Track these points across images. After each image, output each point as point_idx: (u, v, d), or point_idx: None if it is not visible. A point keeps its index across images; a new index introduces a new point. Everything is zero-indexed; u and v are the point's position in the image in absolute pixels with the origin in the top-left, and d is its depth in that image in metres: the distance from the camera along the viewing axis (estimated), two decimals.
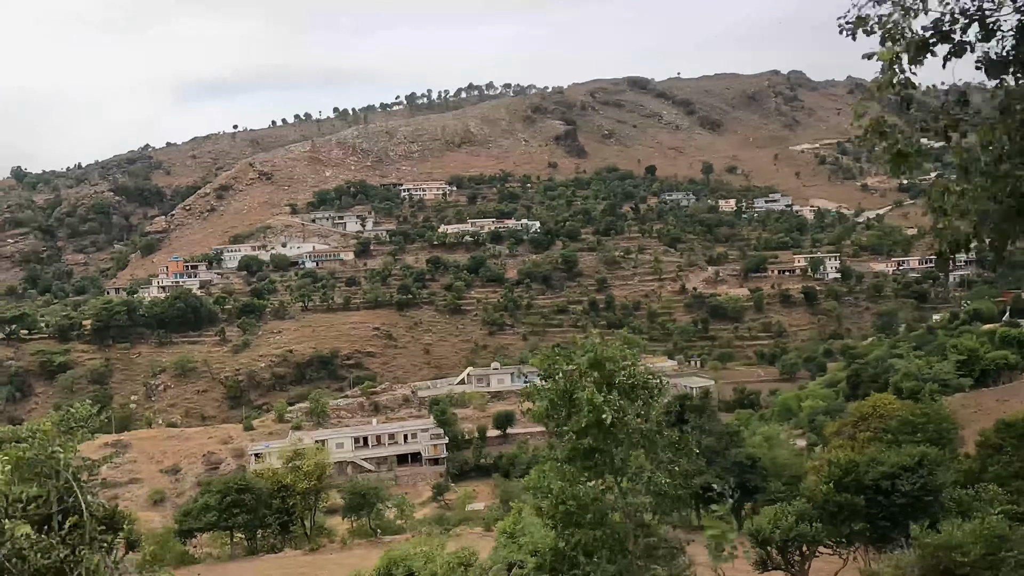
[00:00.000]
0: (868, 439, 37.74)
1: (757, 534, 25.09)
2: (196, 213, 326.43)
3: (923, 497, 25.33)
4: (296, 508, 43.01)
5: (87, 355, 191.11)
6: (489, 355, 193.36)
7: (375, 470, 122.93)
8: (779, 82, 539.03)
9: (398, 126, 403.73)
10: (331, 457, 49.19)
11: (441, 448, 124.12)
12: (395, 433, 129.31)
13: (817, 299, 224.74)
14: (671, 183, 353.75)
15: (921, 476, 25.79)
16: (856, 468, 26.38)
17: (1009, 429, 28.50)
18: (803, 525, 24.26)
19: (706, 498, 39.27)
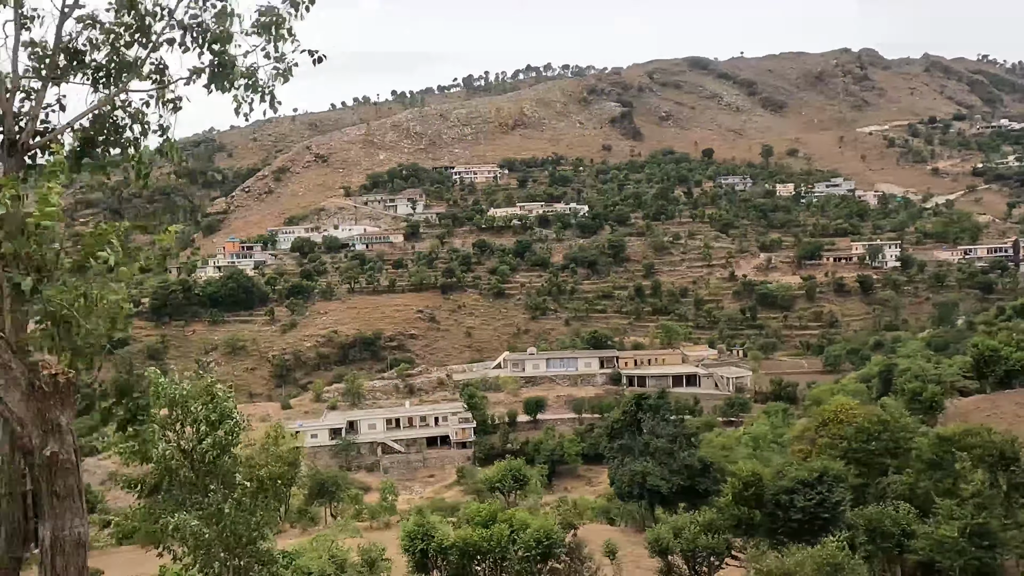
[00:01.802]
0: (824, 445, 36.26)
1: (656, 543, 24.44)
2: (255, 195, 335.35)
3: (820, 514, 24.19)
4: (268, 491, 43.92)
5: (145, 332, 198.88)
6: (530, 340, 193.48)
7: (404, 451, 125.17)
8: (848, 61, 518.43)
9: (452, 109, 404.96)
10: (306, 445, 49.68)
11: (469, 432, 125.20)
12: (426, 416, 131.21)
13: (873, 288, 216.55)
14: (728, 166, 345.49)
15: (819, 492, 24.60)
16: (758, 481, 25.33)
17: (944, 444, 26.79)
18: (706, 536, 23.52)
19: (651, 498, 38.75)
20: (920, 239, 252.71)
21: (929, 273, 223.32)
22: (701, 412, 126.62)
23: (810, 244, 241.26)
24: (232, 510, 14.15)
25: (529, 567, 24.36)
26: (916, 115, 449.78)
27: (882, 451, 32.99)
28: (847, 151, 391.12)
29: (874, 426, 34.65)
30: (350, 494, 46.81)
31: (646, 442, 37.33)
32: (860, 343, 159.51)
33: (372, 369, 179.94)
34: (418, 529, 26.27)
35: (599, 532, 35.29)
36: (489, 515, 26.22)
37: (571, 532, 26.20)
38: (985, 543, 22.08)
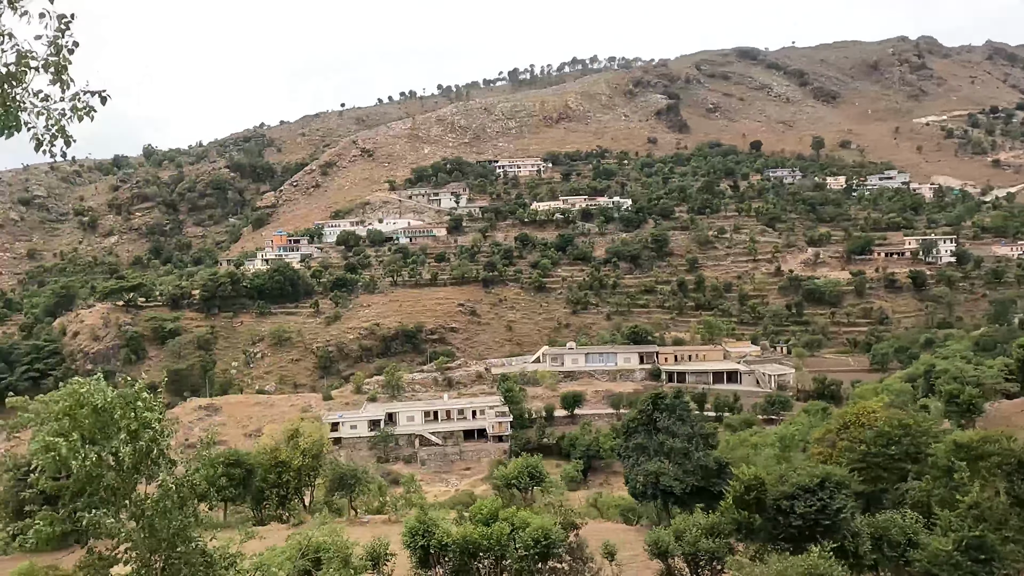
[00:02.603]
0: (844, 448, 35.17)
1: (655, 545, 24.13)
2: (302, 189, 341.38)
3: (821, 520, 23.47)
4: (291, 484, 45.11)
5: (195, 323, 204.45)
6: (571, 334, 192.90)
7: (441, 444, 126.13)
8: (906, 49, 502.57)
9: (496, 102, 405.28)
10: (327, 437, 50.50)
11: (506, 426, 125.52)
12: (463, 409, 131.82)
13: (927, 284, 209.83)
14: (777, 159, 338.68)
15: (820, 499, 23.88)
16: (760, 486, 24.73)
17: (961, 450, 25.68)
18: (708, 540, 23.14)
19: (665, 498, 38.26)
20: (977, 233, 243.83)
21: (986, 269, 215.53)
22: (740, 409, 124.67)
23: (860, 238, 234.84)
24: (152, 510, 14.43)
25: (527, 566, 24.37)
26: (977, 104, 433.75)
27: (902, 456, 31.86)
28: (902, 142, 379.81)
29: (894, 430, 33.52)
30: (371, 487, 47.51)
31: (661, 442, 36.92)
32: (909, 341, 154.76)
33: (413, 362, 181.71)
34: (419, 525, 26.51)
35: (612, 532, 35.04)
36: (490, 513, 26.29)
37: (573, 532, 26.10)
38: (982, 557, 21.21)
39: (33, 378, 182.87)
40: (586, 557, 25.43)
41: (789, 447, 49.09)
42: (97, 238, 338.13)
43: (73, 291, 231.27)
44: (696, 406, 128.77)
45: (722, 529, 24.01)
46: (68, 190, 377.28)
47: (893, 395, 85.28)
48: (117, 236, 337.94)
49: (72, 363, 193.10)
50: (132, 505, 14.42)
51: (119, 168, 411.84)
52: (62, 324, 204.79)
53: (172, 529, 14.40)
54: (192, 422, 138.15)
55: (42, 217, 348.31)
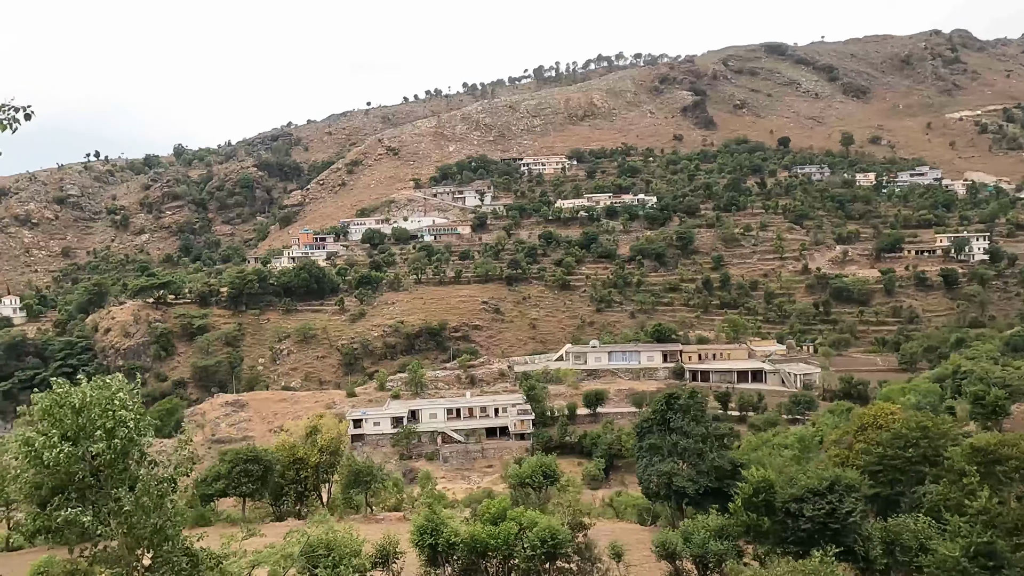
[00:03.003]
0: (860, 451, 34.52)
1: (663, 547, 23.96)
2: (328, 187, 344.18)
3: (829, 524, 23.07)
4: (308, 480, 45.58)
5: (223, 319, 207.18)
6: (595, 332, 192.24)
7: (463, 441, 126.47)
8: (939, 43, 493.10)
9: (521, 100, 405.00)
10: (346, 433, 50.83)
11: (527, 424, 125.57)
12: (486, 406, 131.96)
13: (958, 283, 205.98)
14: (805, 155, 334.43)
15: (829, 502, 23.46)
16: (768, 488, 24.39)
17: (977, 454, 25.04)
18: (716, 542, 22.92)
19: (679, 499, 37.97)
20: (1012, 231, 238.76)
21: (1020, 267, 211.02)
22: (765, 409, 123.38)
23: (890, 236, 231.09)
24: (134, 508, 14.63)
25: (534, 566, 24.35)
26: (1013, 99, 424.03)
27: (919, 459, 31.21)
28: (934, 138, 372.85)
29: (912, 432, 32.86)
30: (387, 484, 47.80)
31: (674, 442, 36.66)
32: (939, 340, 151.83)
33: (437, 359, 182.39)
34: (427, 524, 26.61)
35: (626, 532, 34.86)
36: (498, 512, 26.31)
37: (581, 532, 26.01)
38: (991, 564, 20.66)
39: (66, 373, 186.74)
40: (595, 558, 25.35)
41: (808, 448, 48.48)
42: (129, 236, 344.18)
43: (105, 288, 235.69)
44: (720, 405, 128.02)
45: (731, 531, 23.78)
46: (101, 189, 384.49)
47: (920, 396, 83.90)
48: (148, 234, 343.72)
49: (104, 359, 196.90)
50: (111, 502, 14.66)
51: (150, 167, 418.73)
52: (94, 320, 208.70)
53: (151, 528, 14.61)
54: (219, 418, 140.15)
55: (76, 216, 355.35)
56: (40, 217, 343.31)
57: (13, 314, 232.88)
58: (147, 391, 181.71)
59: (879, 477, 32.65)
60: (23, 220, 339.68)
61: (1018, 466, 24.15)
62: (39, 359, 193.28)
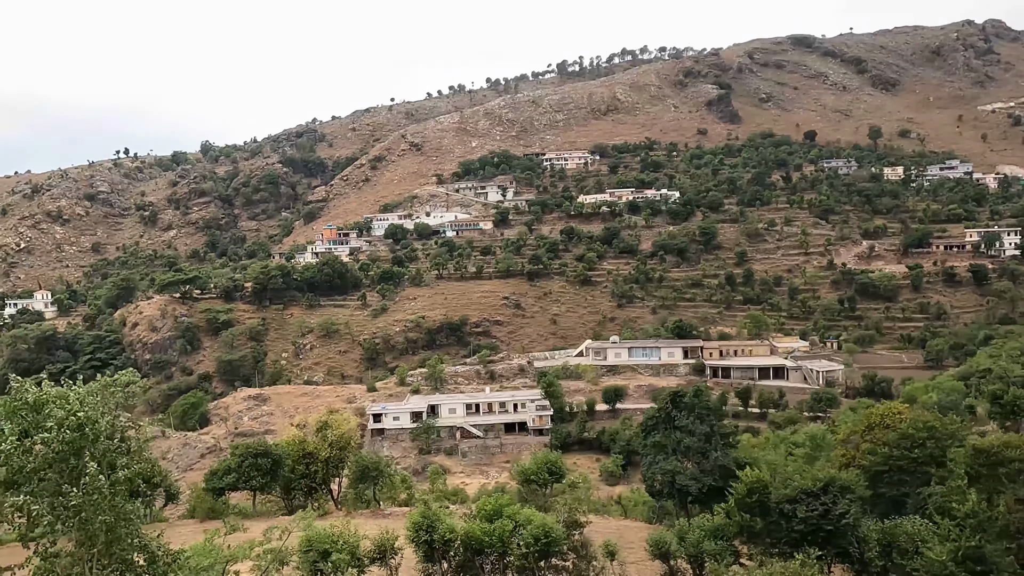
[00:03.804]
0: (867, 451, 33.91)
1: (657, 546, 23.80)
2: (352, 183, 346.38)
3: (823, 525, 22.71)
4: (318, 474, 46.03)
5: (247, 314, 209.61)
6: (616, 327, 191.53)
7: (482, 436, 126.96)
8: (971, 33, 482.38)
9: (544, 95, 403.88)
10: (354, 427, 51.22)
11: (546, 419, 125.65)
12: (504, 402, 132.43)
13: (988, 279, 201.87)
14: (832, 149, 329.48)
15: (823, 503, 23.09)
16: (763, 489, 24.07)
17: (980, 456, 24.44)
18: (711, 542, 22.73)
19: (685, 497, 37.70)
20: None
21: None
22: (786, 406, 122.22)
23: (918, 231, 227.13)
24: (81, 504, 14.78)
25: (528, 563, 24.36)
26: None
27: (926, 459, 30.64)
28: (966, 131, 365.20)
29: (919, 432, 32.23)
30: (395, 479, 48.11)
31: (679, 440, 36.45)
32: (967, 338, 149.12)
33: (457, 355, 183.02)
34: (423, 520, 26.73)
35: (630, 529, 34.76)
36: (494, 509, 26.34)
37: (578, 531, 25.95)
38: (979, 568, 20.21)
39: (95, 367, 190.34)
40: (590, 556, 25.31)
41: (821, 447, 47.88)
42: (157, 232, 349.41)
43: (133, 283, 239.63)
44: (740, 402, 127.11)
45: (726, 531, 23.58)
46: (130, 185, 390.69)
47: (943, 394, 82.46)
48: (176, 230, 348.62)
49: (131, 353, 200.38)
50: (63, 497, 14.87)
51: (178, 164, 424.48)
52: (122, 315, 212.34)
53: (104, 525, 14.78)
54: (241, 411, 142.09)
55: (106, 212, 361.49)
56: (71, 213, 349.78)
57: (44, 308, 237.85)
58: (173, 385, 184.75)
59: (885, 478, 32.17)
60: (55, 216, 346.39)
61: (1020, 468, 23.64)
62: (69, 353, 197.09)
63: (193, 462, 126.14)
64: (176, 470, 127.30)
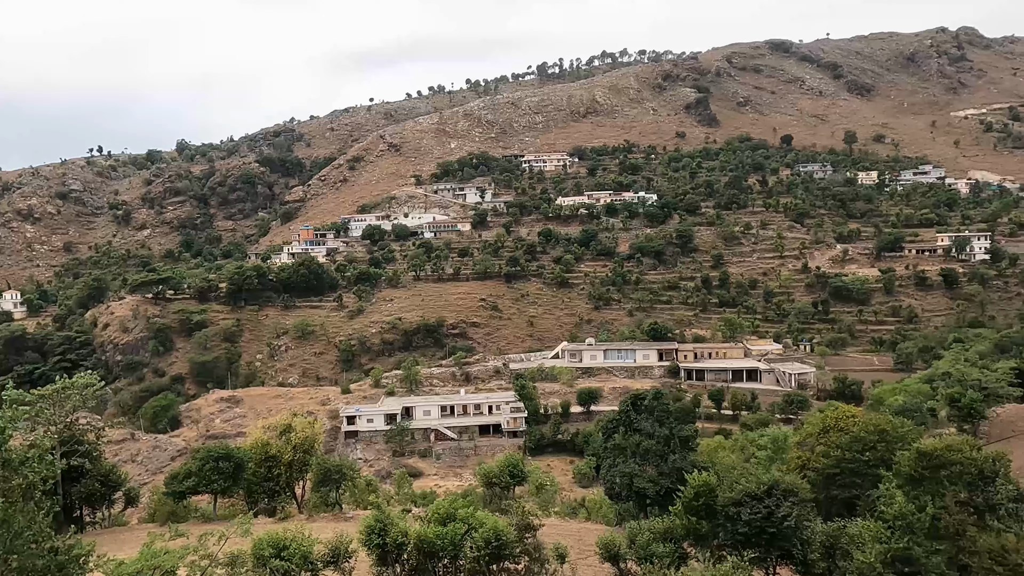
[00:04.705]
0: (820, 454, 34.33)
1: (606, 548, 23.89)
2: (330, 183, 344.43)
3: (766, 528, 22.96)
4: (281, 477, 45.68)
5: (221, 315, 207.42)
6: (593, 330, 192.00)
7: (457, 438, 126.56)
8: (945, 40, 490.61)
9: (524, 97, 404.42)
10: (320, 432, 50.90)
11: (520, 421, 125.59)
12: (479, 404, 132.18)
13: (958, 282, 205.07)
14: (808, 153, 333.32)
15: (767, 506, 23.34)
16: (709, 492, 24.30)
17: (923, 459, 24.81)
18: (660, 545, 22.84)
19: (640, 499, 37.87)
20: (1014, 230, 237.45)
21: (1022, 267, 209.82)
22: (758, 408, 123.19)
23: (891, 235, 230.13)
24: None
25: (480, 567, 24.32)
26: (1019, 97, 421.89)
27: (876, 462, 31.09)
28: (939, 136, 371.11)
29: (870, 436, 32.69)
30: (358, 483, 47.90)
31: (638, 443, 36.64)
32: (936, 341, 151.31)
33: (434, 356, 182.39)
34: (376, 524, 26.61)
35: (592, 532, 34.79)
36: (448, 512, 26.29)
37: (531, 533, 25.94)
38: (907, 570, 20.53)
39: (65, 368, 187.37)
40: (543, 559, 25.33)
41: (782, 449, 48.32)
42: (131, 231, 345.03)
43: (105, 283, 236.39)
44: (713, 404, 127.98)
45: (675, 534, 23.71)
46: (103, 184, 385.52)
47: (909, 397, 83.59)
48: (150, 229, 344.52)
49: (102, 354, 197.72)
50: None
51: (152, 163, 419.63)
52: (93, 316, 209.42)
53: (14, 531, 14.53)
54: (213, 414, 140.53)
55: (78, 211, 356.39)
56: (42, 212, 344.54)
57: (13, 308, 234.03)
58: (144, 386, 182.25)
59: (837, 480, 32.60)
60: (25, 215, 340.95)
61: (961, 471, 24.02)
62: (38, 354, 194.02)
63: (163, 465, 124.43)
64: (146, 473, 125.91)
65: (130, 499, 46.42)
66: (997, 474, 24.02)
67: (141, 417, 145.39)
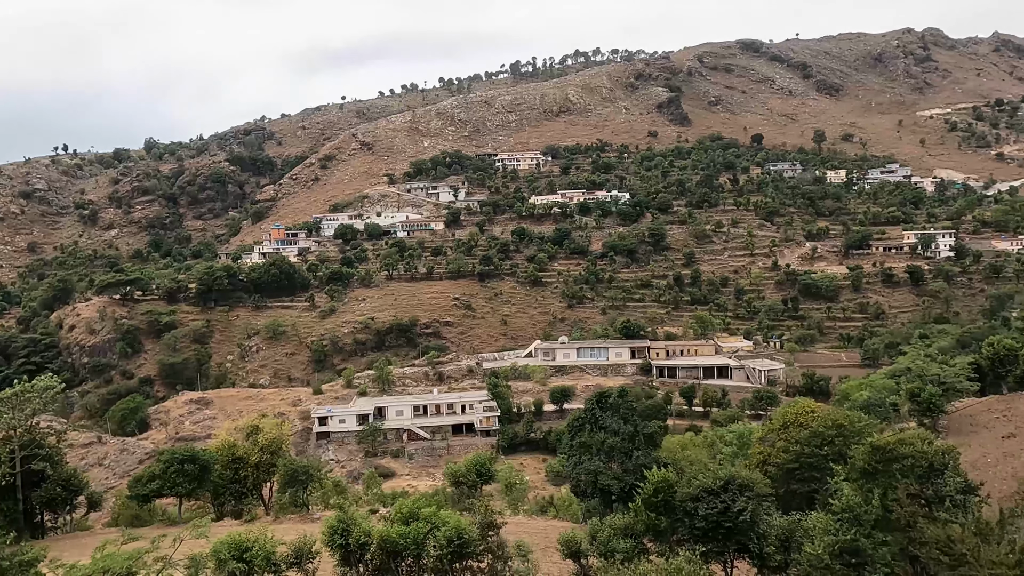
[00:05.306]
0: (780, 449, 34.97)
1: (567, 545, 24.11)
2: (301, 182, 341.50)
3: (722, 522, 23.38)
4: (248, 479, 45.28)
5: (191, 316, 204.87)
6: (566, 328, 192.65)
7: (430, 438, 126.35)
8: (911, 41, 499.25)
9: (497, 95, 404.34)
10: (289, 434, 50.53)
11: (493, 420, 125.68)
12: (452, 403, 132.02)
13: (924, 279, 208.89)
14: (778, 152, 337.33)
15: (723, 501, 23.78)
16: (668, 488, 24.67)
17: (876, 453, 25.43)
18: (621, 540, 23.09)
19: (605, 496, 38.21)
20: (978, 228, 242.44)
21: (985, 264, 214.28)
22: (729, 404, 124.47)
23: (859, 233, 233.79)
24: None
25: (442, 565, 24.39)
26: (982, 97, 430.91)
27: (834, 456, 31.68)
28: (905, 136, 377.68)
29: (828, 431, 33.34)
30: (325, 484, 47.66)
31: (602, 440, 36.97)
32: (902, 336, 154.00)
33: (407, 356, 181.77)
34: (338, 524, 26.55)
35: (557, 529, 35.00)
36: (410, 512, 26.31)
37: (493, 531, 26.05)
38: (853, 561, 21.08)
39: (30, 371, 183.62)
40: (506, 556, 25.46)
41: (747, 445, 48.99)
42: (97, 231, 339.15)
43: (71, 285, 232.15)
44: (685, 401, 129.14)
45: (635, 530, 23.98)
46: (69, 183, 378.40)
47: (874, 392, 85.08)
48: (117, 229, 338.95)
49: (68, 356, 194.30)
50: None
51: (120, 161, 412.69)
52: (59, 317, 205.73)
53: None
54: (182, 416, 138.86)
55: (43, 210, 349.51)
56: (5, 212, 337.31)
57: None
58: (112, 389, 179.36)
59: (796, 475, 33.17)
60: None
61: (913, 464, 24.60)
62: (2, 357, 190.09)
63: (131, 468, 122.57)
64: (113, 476, 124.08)
65: (93, 503, 45.75)
66: (946, 467, 24.65)
67: (108, 420, 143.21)
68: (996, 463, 43.70)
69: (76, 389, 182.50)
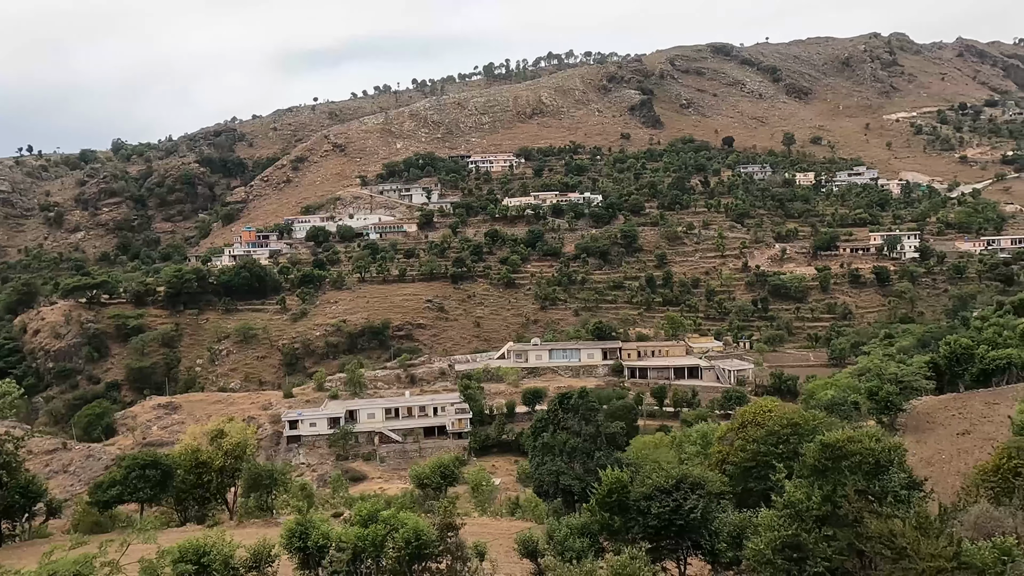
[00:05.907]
0: (738, 447, 35.69)
1: (524, 545, 24.37)
2: (273, 184, 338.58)
3: (674, 520, 23.89)
4: (212, 484, 44.95)
5: (159, 319, 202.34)
6: (539, 330, 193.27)
7: (401, 441, 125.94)
8: (877, 45, 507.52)
9: (470, 97, 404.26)
10: (252, 439, 50.20)
11: (465, 423, 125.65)
12: (424, 406, 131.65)
13: (890, 280, 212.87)
14: (748, 155, 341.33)
15: (675, 499, 24.28)
16: (622, 488, 25.11)
17: (826, 450, 26.07)
18: (577, 539, 23.41)
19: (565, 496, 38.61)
20: (942, 229, 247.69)
21: (949, 264, 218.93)
22: (699, 404, 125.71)
23: (826, 234, 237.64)
24: None
25: (401, 567, 24.49)
26: (946, 101, 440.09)
27: (789, 454, 32.40)
28: (872, 139, 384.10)
29: (783, 429, 34.07)
30: (291, 488, 47.45)
31: (565, 440, 37.33)
32: (868, 336, 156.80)
33: (379, 359, 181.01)
34: (297, 527, 26.55)
35: (520, 530, 35.23)
36: (370, 514, 26.39)
37: (452, 533, 26.23)
38: (795, 556, 21.70)
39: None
40: (465, 557, 25.65)
41: (709, 444, 49.67)
42: (63, 234, 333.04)
43: (35, 288, 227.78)
44: (656, 401, 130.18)
45: (591, 529, 24.31)
46: (33, 185, 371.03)
47: (839, 391, 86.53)
48: (84, 232, 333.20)
49: (33, 361, 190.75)
50: None
51: (86, 162, 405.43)
52: (23, 321, 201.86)
53: None
54: (150, 421, 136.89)
55: (6, 212, 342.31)
56: None
57: None
58: (78, 394, 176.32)
59: (753, 473, 33.78)
60: None
61: (861, 461, 25.26)
62: None
63: (97, 474, 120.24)
64: (79, 483, 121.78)
65: (52, 510, 45.06)
66: (892, 463, 25.35)
67: (74, 426, 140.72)
68: (950, 459, 44.95)
69: (41, 395, 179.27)
